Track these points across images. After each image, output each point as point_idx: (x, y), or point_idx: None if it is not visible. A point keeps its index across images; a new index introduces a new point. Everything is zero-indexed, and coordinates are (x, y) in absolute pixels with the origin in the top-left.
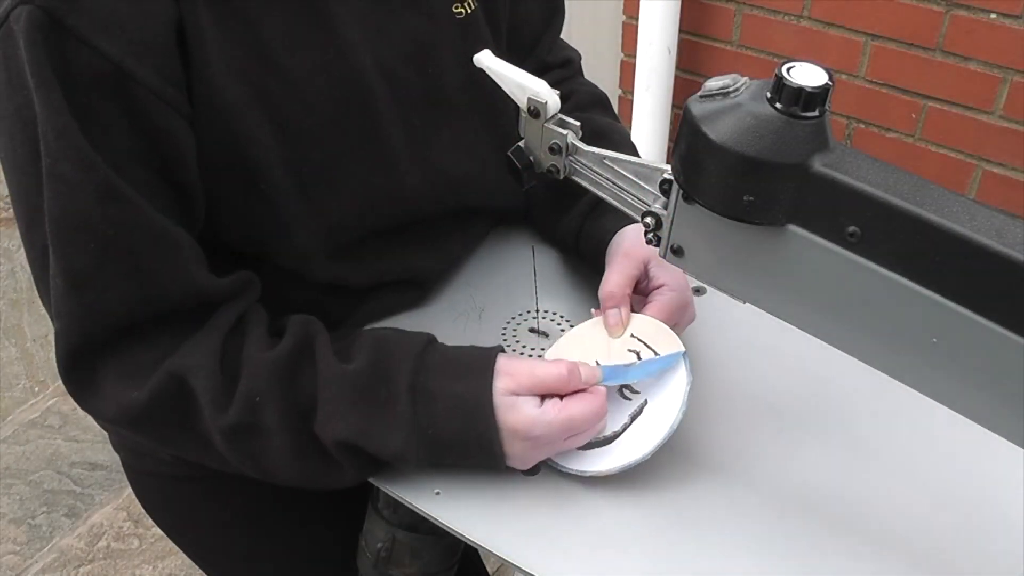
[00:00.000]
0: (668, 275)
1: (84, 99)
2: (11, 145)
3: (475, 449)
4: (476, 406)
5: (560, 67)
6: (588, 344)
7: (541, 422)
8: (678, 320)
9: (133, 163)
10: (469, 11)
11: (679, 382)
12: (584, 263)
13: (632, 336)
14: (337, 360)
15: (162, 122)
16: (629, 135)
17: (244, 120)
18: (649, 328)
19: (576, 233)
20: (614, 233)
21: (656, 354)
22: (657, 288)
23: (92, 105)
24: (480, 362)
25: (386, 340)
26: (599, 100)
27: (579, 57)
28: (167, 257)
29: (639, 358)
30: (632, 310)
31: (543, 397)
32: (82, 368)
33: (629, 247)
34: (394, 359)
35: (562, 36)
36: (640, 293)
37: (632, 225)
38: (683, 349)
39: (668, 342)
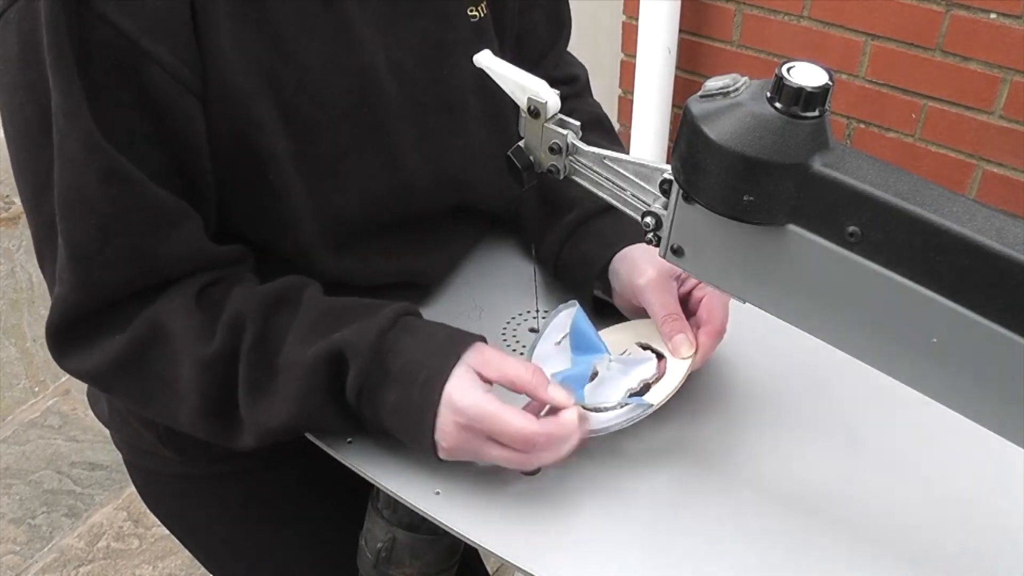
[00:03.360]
0: None
1: (99, 77)
2: (22, 115)
3: (416, 394)
4: (442, 348)
5: (564, 83)
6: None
7: (475, 402)
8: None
9: (144, 142)
10: (483, 15)
11: (674, 377)
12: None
13: (639, 344)
14: (316, 304)
15: (176, 102)
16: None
17: (254, 107)
18: (652, 331)
19: (555, 258)
20: (597, 262)
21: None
22: (697, 284)
23: (107, 84)
24: (458, 336)
25: (371, 303)
26: (598, 121)
27: (586, 74)
28: (168, 235)
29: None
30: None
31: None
32: (75, 330)
33: (651, 266)
34: (375, 308)
35: None
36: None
37: (629, 249)
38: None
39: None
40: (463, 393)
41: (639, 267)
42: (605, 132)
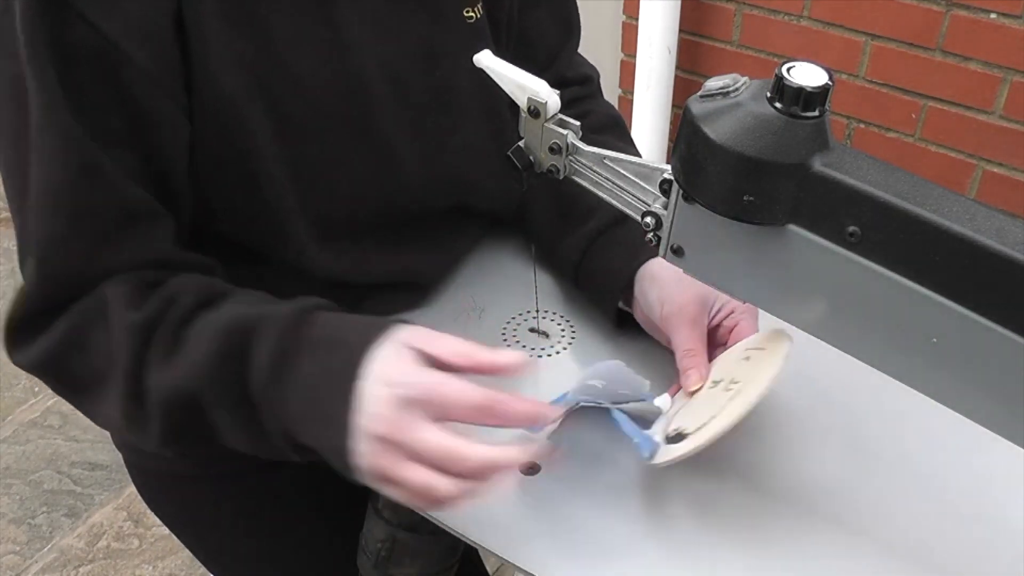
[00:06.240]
0: (731, 299)
1: (76, 75)
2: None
3: (338, 364)
4: (362, 324)
5: (579, 84)
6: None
7: (415, 372)
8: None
9: (118, 143)
10: (479, 15)
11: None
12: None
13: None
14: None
15: (151, 107)
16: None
17: (243, 112)
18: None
19: (575, 265)
20: (622, 273)
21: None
22: (730, 314)
23: (83, 82)
24: (383, 320)
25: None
26: (614, 122)
27: (598, 75)
28: (138, 234)
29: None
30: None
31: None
32: (32, 324)
33: (683, 295)
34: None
35: None
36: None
37: (658, 266)
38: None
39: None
40: (397, 364)
41: (670, 294)
42: (622, 134)
